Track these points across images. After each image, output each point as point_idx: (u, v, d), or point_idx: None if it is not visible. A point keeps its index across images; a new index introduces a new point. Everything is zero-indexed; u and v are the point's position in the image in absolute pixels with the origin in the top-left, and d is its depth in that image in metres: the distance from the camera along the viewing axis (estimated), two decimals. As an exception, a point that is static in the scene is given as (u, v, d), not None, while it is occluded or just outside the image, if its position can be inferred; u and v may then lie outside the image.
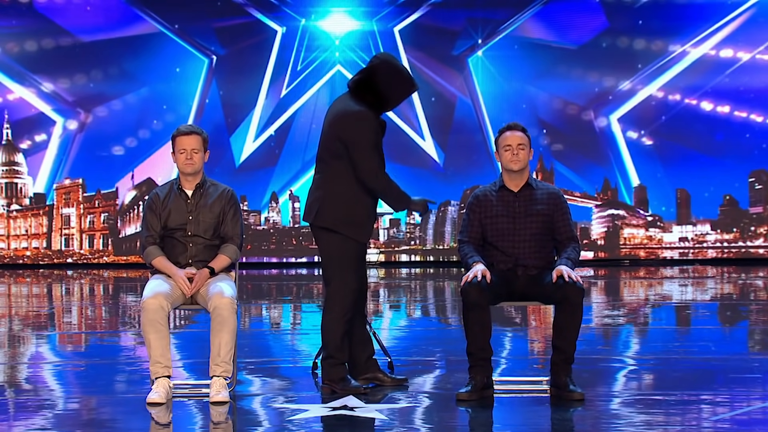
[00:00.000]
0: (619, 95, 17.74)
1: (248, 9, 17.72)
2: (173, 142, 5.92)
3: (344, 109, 5.81)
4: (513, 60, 17.72)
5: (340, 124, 5.77)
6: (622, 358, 7.32)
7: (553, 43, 17.62)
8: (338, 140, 5.76)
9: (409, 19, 17.72)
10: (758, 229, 17.92)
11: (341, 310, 5.80)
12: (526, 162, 5.85)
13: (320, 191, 5.84)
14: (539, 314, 9.78)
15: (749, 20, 17.49)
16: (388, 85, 5.80)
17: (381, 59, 5.87)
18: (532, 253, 5.78)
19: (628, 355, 7.60)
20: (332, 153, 5.80)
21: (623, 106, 17.72)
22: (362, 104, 5.79)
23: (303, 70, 17.90)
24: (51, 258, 18.37)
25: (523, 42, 17.66)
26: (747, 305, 11.24)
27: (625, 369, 6.81)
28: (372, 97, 5.80)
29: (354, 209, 5.81)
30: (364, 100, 5.81)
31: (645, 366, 6.94)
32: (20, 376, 6.74)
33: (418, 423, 5.18)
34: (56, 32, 17.57)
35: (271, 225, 18.21)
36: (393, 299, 12.44)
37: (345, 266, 5.81)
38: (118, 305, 11.90)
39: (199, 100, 17.76)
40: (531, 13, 17.53)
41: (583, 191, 17.92)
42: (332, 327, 5.79)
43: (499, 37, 17.63)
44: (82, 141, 17.84)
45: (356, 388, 5.74)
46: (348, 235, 5.80)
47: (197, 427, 5.22)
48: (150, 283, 5.74)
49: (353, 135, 5.73)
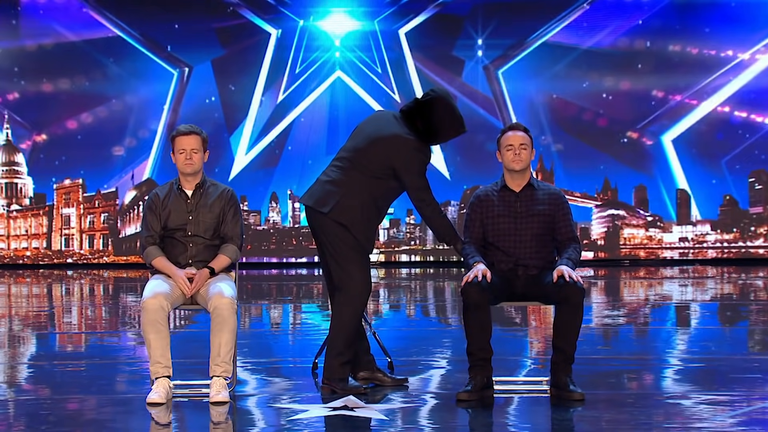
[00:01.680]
0: (620, 95, 17.74)
1: (245, 10, 17.71)
2: (172, 142, 5.92)
3: (398, 132, 5.86)
4: (512, 60, 17.72)
5: (393, 146, 5.82)
6: (622, 358, 7.31)
7: (553, 43, 17.62)
8: (387, 158, 5.81)
9: (412, 20, 17.72)
10: (758, 229, 17.92)
11: (355, 309, 5.81)
12: (528, 162, 5.85)
13: (341, 188, 5.84)
14: (539, 314, 9.78)
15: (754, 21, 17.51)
16: (441, 121, 5.86)
17: (439, 94, 5.92)
18: (532, 253, 5.78)
19: (628, 355, 7.60)
20: (372, 164, 5.83)
21: (628, 108, 17.72)
22: (412, 132, 5.86)
23: (302, 72, 17.90)
24: (51, 258, 18.38)
25: (524, 42, 17.67)
26: (747, 305, 11.23)
27: (626, 369, 6.80)
28: (423, 128, 5.87)
29: (368, 219, 5.86)
30: (414, 128, 5.87)
31: (645, 366, 6.94)
32: (20, 376, 6.74)
33: (418, 423, 5.18)
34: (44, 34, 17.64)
35: (271, 225, 18.21)
36: (393, 299, 12.44)
37: (360, 265, 5.83)
38: (118, 305, 11.90)
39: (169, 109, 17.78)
40: (531, 13, 17.54)
41: (583, 191, 17.93)
42: (344, 325, 5.80)
43: (501, 38, 17.63)
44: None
45: (356, 388, 5.74)
46: (359, 238, 5.84)
47: (197, 427, 5.22)
48: (150, 284, 5.73)
49: (408, 161, 5.81)
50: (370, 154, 5.85)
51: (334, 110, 17.89)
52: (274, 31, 17.83)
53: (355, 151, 5.89)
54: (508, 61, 17.71)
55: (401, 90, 17.75)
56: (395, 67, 17.83)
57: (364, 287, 5.83)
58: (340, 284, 5.86)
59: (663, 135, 17.75)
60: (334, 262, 5.88)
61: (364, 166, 5.84)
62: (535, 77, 17.69)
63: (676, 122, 17.70)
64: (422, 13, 17.68)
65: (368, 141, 5.87)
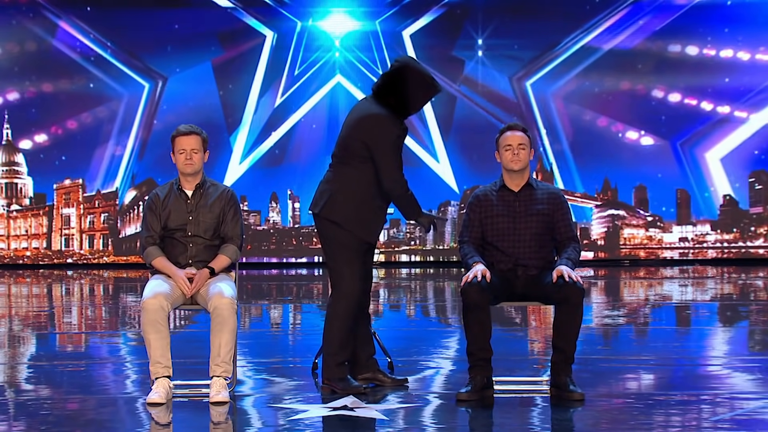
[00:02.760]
0: (620, 96, 17.74)
1: (244, 10, 17.72)
2: (172, 142, 5.92)
3: (368, 112, 5.81)
4: (513, 59, 17.72)
5: (363, 127, 5.78)
6: (622, 358, 7.31)
7: (553, 44, 17.63)
8: (361, 142, 5.76)
9: (415, 21, 17.73)
10: (758, 230, 17.92)
11: (347, 309, 5.79)
12: (527, 162, 5.85)
13: (332, 185, 5.84)
14: (539, 314, 9.78)
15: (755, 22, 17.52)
16: (411, 88, 5.81)
17: (402, 62, 5.87)
18: (532, 253, 5.78)
19: (628, 355, 7.60)
20: (352, 152, 5.80)
21: (628, 108, 17.73)
22: (386, 108, 5.81)
23: (303, 72, 17.90)
24: (51, 258, 18.38)
25: (524, 42, 17.67)
26: (747, 305, 11.23)
27: (625, 369, 6.80)
28: (395, 101, 5.82)
29: (364, 208, 5.81)
30: (387, 103, 5.83)
31: (645, 366, 6.94)
32: (20, 376, 6.74)
33: (418, 423, 5.18)
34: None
35: (271, 225, 18.21)
36: (393, 299, 12.44)
37: (352, 263, 5.81)
38: (118, 305, 11.90)
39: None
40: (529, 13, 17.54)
41: (583, 191, 17.93)
42: (337, 325, 5.79)
43: (499, 37, 17.63)
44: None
45: (356, 388, 5.74)
46: (356, 233, 5.80)
47: (197, 427, 5.22)
48: (150, 284, 5.74)
49: (377, 138, 5.74)
50: (348, 142, 5.83)
51: (333, 110, 17.89)
52: (270, 34, 17.83)
53: (338, 145, 5.90)
54: (505, 60, 17.70)
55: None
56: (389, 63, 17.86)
57: (354, 287, 5.79)
58: (333, 284, 5.88)
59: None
60: (327, 261, 5.91)
61: (348, 158, 5.82)
62: (534, 77, 17.69)
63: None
64: (425, 14, 17.68)
65: (345, 131, 5.88)
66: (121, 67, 17.74)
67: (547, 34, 17.61)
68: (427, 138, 17.78)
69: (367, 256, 5.93)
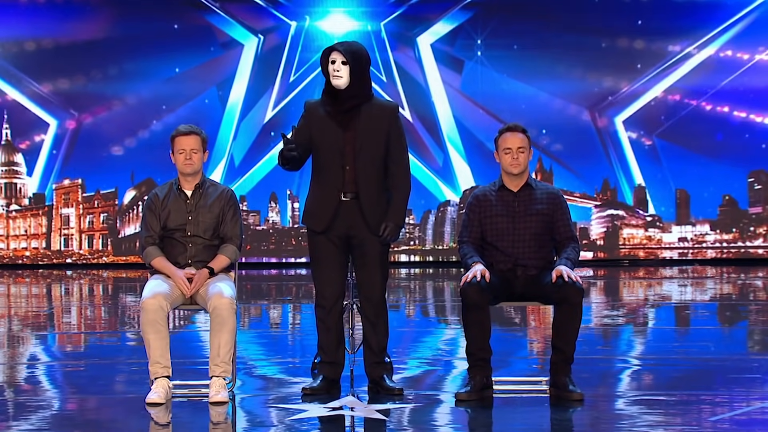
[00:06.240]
0: (621, 96, 17.74)
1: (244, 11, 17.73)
2: (172, 142, 5.92)
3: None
4: (513, 60, 17.71)
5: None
6: (622, 358, 7.31)
7: (553, 43, 17.62)
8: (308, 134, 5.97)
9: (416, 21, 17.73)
10: (758, 230, 17.91)
11: (317, 311, 5.89)
12: (526, 165, 5.84)
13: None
14: (539, 314, 9.78)
15: (754, 22, 17.51)
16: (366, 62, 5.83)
17: (352, 45, 5.84)
18: (531, 253, 5.78)
19: (628, 355, 7.60)
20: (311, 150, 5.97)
21: (627, 108, 17.73)
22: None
23: (303, 72, 17.90)
24: (50, 258, 18.36)
25: (523, 42, 17.66)
26: (746, 305, 11.23)
27: (625, 369, 6.80)
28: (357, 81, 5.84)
29: (310, 199, 5.92)
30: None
31: (645, 366, 6.94)
32: (20, 376, 6.74)
33: (418, 423, 5.18)
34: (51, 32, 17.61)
35: (270, 225, 18.20)
36: (393, 299, 12.44)
37: (314, 261, 5.91)
38: (118, 305, 11.90)
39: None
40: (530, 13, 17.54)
41: (583, 191, 17.93)
42: (317, 325, 5.88)
43: (498, 37, 17.63)
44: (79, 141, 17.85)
45: (314, 388, 5.74)
46: (308, 226, 5.87)
47: (197, 427, 5.22)
48: (149, 284, 5.73)
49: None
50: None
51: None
52: (268, 35, 17.84)
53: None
54: (505, 60, 17.70)
55: (404, 89, 17.74)
56: (395, 67, 17.83)
57: (320, 291, 5.87)
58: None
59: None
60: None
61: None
62: (534, 77, 17.68)
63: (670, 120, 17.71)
64: (426, 14, 17.67)
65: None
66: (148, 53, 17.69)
67: (547, 33, 17.60)
68: (427, 138, 17.78)
69: (336, 252, 5.87)
